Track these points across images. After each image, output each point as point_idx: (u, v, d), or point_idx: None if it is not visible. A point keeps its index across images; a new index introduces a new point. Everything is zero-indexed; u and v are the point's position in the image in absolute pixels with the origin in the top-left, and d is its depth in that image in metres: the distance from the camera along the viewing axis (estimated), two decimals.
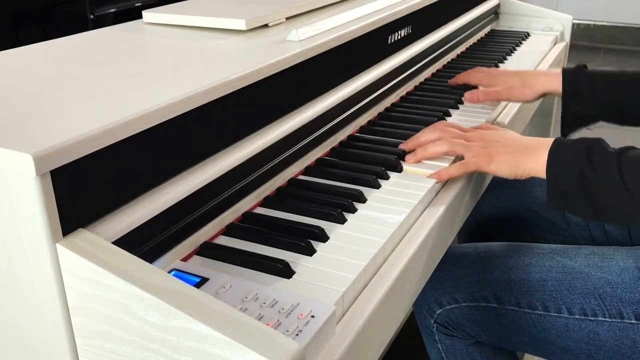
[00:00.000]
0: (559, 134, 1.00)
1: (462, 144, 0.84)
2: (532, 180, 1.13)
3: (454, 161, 0.86)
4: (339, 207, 0.72)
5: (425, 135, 0.88)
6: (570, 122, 1.06)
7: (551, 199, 0.78)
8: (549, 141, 0.79)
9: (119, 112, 0.55)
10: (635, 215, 0.73)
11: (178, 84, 0.64)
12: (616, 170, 0.73)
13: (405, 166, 0.85)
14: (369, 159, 0.86)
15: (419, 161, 0.86)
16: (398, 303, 0.66)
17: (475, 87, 1.14)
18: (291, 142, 0.79)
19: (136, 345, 0.50)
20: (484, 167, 0.82)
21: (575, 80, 1.04)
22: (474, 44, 1.52)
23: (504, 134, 0.86)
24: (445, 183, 0.84)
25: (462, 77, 1.16)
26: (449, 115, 1.05)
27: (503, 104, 1.11)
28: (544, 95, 1.07)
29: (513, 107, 1.13)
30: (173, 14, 0.93)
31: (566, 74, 1.05)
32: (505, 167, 0.81)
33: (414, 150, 0.87)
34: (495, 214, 1.14)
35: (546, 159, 0.78)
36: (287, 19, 0.95)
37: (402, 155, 0.87)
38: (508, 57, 1.40)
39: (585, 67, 1.06)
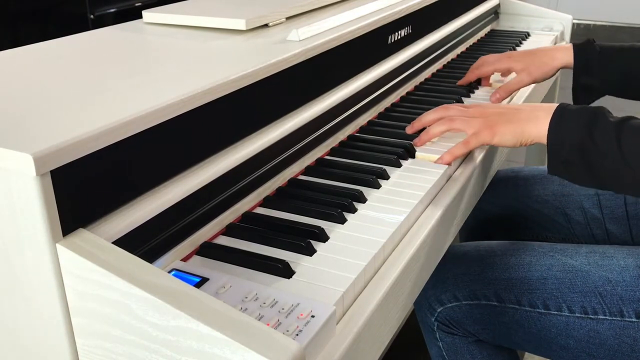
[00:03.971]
0: None
1: (463, 120, 0.85)
2: (534, 179, 1.13)
3: None
4: (339, 207, 0.72)
5: (427, 116, 0.90)
6: (580, 95, 1.08)
7: (551, 166, 0.79)
8: (552, 107, 0.80)
9: (119, 112, 0.55)
10: (632, 185, 0.74)
11: (178, 84, 0.64)
12: (615, 139, 0.73)
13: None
14: (369, 158, 0.86)
15: (424, 144, 0.89)
16: (398, 303, 0.66)
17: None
18: (291, 142, 0.79)
19: (136, 345, 0.50)
20: (487, 140, 0.83)
21: (586, 53, 1.06)
22: (474, 44, 1.52)
23: (504, 105, 0.88)
24: (447, 181, 0.84)
25: (475, 74, 1.16)
26: None
27: (506, 100, 1.11)
28: (559, 69, 1.10)
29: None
30: (173, 14, 0.93)
31: (577, 48, 1.07)
32: (508, 136, 0.82)
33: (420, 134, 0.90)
34: (496, 212, 1.14)
35: (548, 126, 0.78)
36: (287, 19, 0.95)
37: (401, 155, 0.87)
38: None
39: (594, 41, 1.08)
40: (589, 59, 1.06)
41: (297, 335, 0.51)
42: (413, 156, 0.88)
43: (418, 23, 1.17)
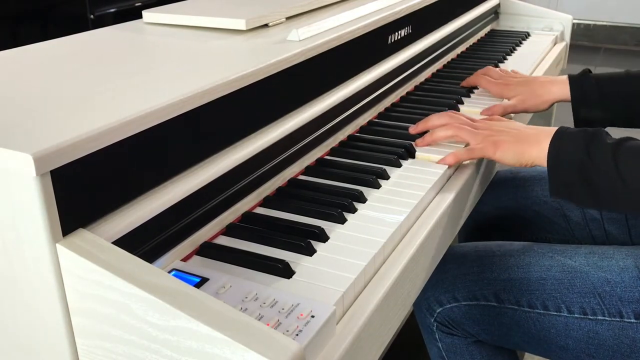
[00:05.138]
0: None
1: (469, 130, 0.87)
2: (532, 180, 1.13)
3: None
4: (339, 207, 0.72)
5: (433, 120, 0.91)
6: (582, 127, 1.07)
7: (552, 188, 0.79)
8: (552, 130, 0.81)
9: (119, 112, 0.55)
10: (630, 205, 0.75)
11: (178, 84, 0.64)
12: (612, 160, 0.74)
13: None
14: (369, 158, 0.86)
15: (427, 145, 0.90)
16: (398, 303, 0.66)
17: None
18: (291, 142, 0.79)
19: (136, 345, 0.50)
20: (490, 155, 0.84)
21: (583, 86, 1.05)
22: (474, 43, 1.52)
23: (510, 124, 0.88)
24: (447, 181, 0.84)
25: (473, 80, 1.17)
26: None
27: None
28: (554, 102, 1.09)
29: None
30: (173, 14, 0.93)
31: (573, 80, 1.06)
32: (510, 155, 0.83)
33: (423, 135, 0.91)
34: (496, 213, 1.14)
35: (548, 148, 0.79)
36: (287, 19, 0.95)
37: (401, 155, 0.87)
38: (508, 57, 1.40)
39: (590, 72, 1.07)
40: (586, 91, 1.04)
41: (297, 335, 0.51)
42: (413, 156, 0.88)
43: (418, 23, 1.17)
